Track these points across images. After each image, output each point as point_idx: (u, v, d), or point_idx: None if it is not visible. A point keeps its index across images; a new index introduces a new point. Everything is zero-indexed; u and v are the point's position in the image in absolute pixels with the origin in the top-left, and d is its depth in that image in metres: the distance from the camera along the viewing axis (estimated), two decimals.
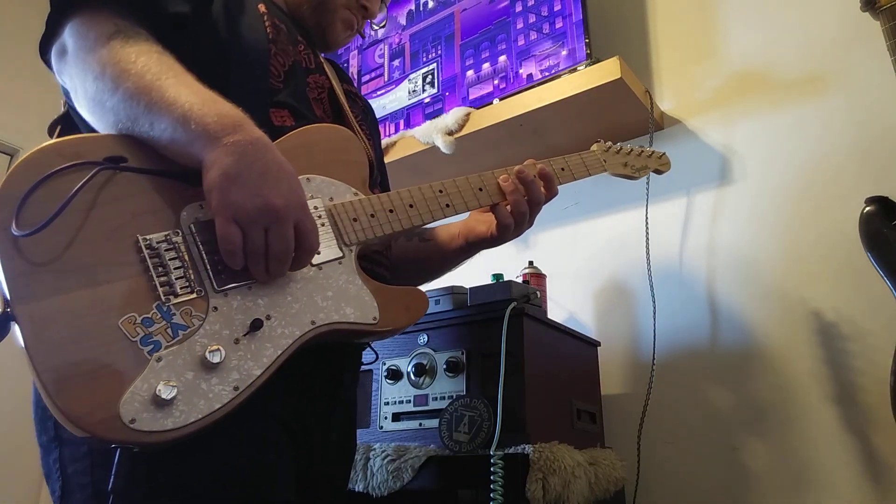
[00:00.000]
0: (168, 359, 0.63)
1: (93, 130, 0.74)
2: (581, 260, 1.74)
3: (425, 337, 1.28)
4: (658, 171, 1.21)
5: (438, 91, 1.90)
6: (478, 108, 1.72)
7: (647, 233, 1.59)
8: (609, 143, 1.13)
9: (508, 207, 0.96)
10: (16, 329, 0.59)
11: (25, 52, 2.49)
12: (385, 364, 1.31)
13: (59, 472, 0.71)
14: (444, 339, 1.26)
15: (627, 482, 1.39)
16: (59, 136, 0.80)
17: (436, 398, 1.22)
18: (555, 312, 1.66)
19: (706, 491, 1.42)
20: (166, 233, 0.68)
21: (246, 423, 0.70)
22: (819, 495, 1.30)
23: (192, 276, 0.68)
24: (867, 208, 1.22)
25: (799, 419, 1.36)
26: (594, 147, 1.12)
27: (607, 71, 1.50)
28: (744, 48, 1.63)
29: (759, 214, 1.51)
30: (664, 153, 1.22)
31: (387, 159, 1.84)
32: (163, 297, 0.65)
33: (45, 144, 0.66)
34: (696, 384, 1.50)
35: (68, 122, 0.82)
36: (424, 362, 1.25)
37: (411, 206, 0.87)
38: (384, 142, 1.85)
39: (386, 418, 1.27)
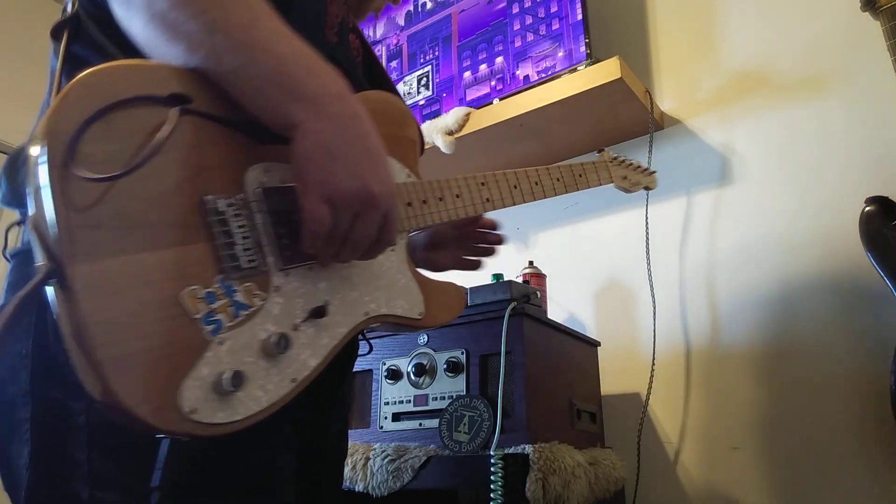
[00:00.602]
0: (230, 342, 0.55)
1: (122, 46, 0.61)
2: (581, 260, 1.74)
3: (425, 337, 1.28)
4: (647, 188, 1.23)
5: (433, 93, 1.91)
6: (478, 108, 1.72)
7: (647, 233, 1.59)
8: (614, 154, 1.13)
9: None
10: (53, 293, 0.49)
11: (26, 49, 2.50)
12: (385, 364, 1.31)
13: (30, 435, 0.60)
14: (444, 339, 1.26)
15: (627, 482, 1.39)
16: (66, 44, 0.66)
17: (436, 398, 1.22)
18: (555, 312, 1.66)
19: (706, 491, 1.42)
20: (233, 195, 0.58)
21: (264, 421, 0.63)
22: (819, 495, 1.30)
23: (257, 249, 0.59)
24: (867, 208, 1.22)
25: (799, 419, 1.36)
26: (602, 156, 1.11)
27: (607, 71, 1.50)
28: (744, 48, 1.63)
29: (759, 214, 1.51)
30: (655, 171, 1.25)
31: None
32: (227, 270, 0.56)
33: (108, 66, 0.53)
34: (697, 384, 1.50)
35: (80, 28, 0.67)
36: (424, 362, 1.25)
37: (458, 195, 0.83)
38: None
39: (386, 418, 1.27)
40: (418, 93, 1.95)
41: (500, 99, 1.71)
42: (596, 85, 1.51)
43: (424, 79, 1.95)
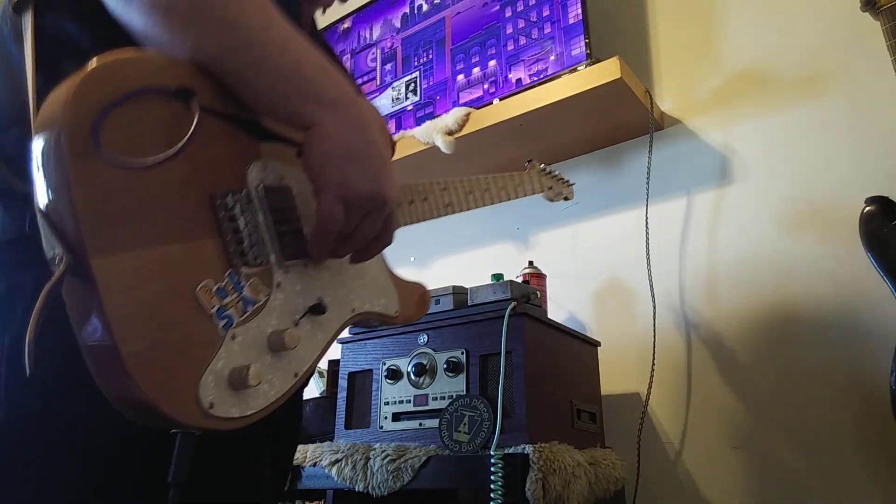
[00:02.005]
0: (241, 337, 0.55)
1: (108, 26, 0.58)
2: (581, 260, 1.74)
3: (425, 337, 1.28)
4: (566, 198, 1.29)
5: (420, 98, 1.93)
6: (478, 108, 1.72)
7: (647, 233, 1.59)
8: (541, 164, 1.20)
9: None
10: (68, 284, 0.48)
11: None
12: (385, 364, 1.31)
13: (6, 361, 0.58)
14: (444, 339, 1.26)
15: (627, 482, 1.39)
16: (35, 15, 0.61)
17: (436, 398, 1.22)
18: (555, 312, 1.66)
19: (706, 491, 1.42)
20: (238, 192, 0.59)
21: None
22: (819, 495, 1.30)
23: (262, 245, 0.60)
24: (867, 208, 1.22)
25: (799, 419, 1.36)
26: (532, 166, 1.18)
27: (607, 71, 1.50)
28: (744, 48, 1.63)
29: (759, 214, 1.51)
30: (573, 183, 1.31)
31: None
32: (236, 265, 0.57)
33: (119, 56, 0.52)
34: (697, 384, 1.50)
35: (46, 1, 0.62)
36: (424, 362, 1.25)
37: (426, 199, 0.88)
38: None
39: (386, 418, 1.27)
40: (406, 98, 1.97)
41: (500, 99, 1.71)
42: (596, 85, 1.51)
43: (412, 84, 1.96)
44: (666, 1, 1.78)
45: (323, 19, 2.31)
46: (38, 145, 0.48)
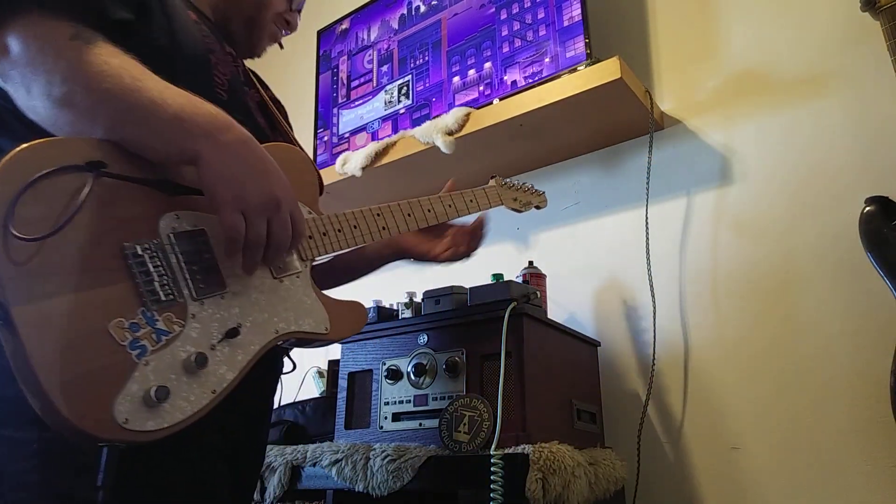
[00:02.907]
0: (154, 363, 0.66)
1: (29, 131, 0.70)
2: (581, 260, 1.74)
3: (425, 337, 1.28)
4: (538, 207, 1.36)
5: (413, 102, 1.94)
6: (478, 108, 1.72)
7: (647, 233, 1.59)
8: (505, 179, 1.28)
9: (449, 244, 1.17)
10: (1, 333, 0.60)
11: None
12: (385, 364, 1.31)
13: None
14: (444, 339, 1.26)
15: (627, 482, 1.39)
16: None
17: (436, 398, 1.22)
18: (555, 312, 1.66)
19: (706, 491, 1.42)
20: (148, 241, 0.71)
21: (195, 433, 0.71)
22: (819, 496, 1.30)
23: (173, 285, 0.71)
24: (867, 208, 1.22)
25: (799, 419, 1.36)
26: (492, 182, 1.26)
27: (607, 71, 1.50)
28: (744, 48, 1.63)
29: (759, 214, 1.51)
30: (543, 192, 1.38)
31: (386, 159, 1.84)
32: (148, 304, 0.68)
33: (32, 144, 0.64)
34: (696, 384, 1.50)
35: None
36: (424, 362, 1.25)
37: (355, 226, 0.97)
38: (384, 142, 1.86)
39: (386, 418, 1.27)
40: (399, 101, 1.97)
41: (500, 99, 1.71)
42: (596, 85, 1.50)
43: (405, 87, 1.97)
44: (666, 1, 1.78)
45: (321, 20, 2.31)
46: None
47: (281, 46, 1.16)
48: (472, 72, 1.82)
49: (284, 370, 1.00)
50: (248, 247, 0.74)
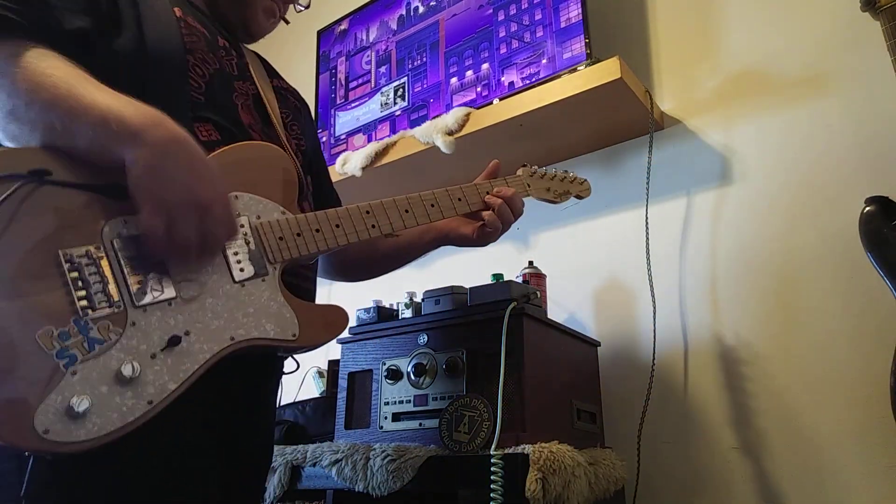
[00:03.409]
0: (83, 372, 0.65)
1: None
2: (581, 260, 1.74)
3: (425, 337, 1.28)
4: (579, 197, 1.26)
5: (409, 103, 1.94)
6: (478, 108, 1.72)
7: (647, 233, 1.59)
8: (535, 167, 1.18)
9: (487, 220, 1.06)
10: None
11: None
12: (385, 364, 1.31)
13: None
14: (444, 339, 1.26)
15: (627, 482, 1.39)
16: None
17: (436, 398, 1.22)
18: (555, 312, 1.66)
19: (706, 491, 1.42)
20: (88, 247, 0.69)
21: (171, 430, 0.72)
22: (819, 495, 1.30)
23: (112, 292, 0.69)
24: (867, 208, 1.21)
25: (799, 419, 1.36)
26: (520, 171, 1.17)
27: (607, 71, 1.50)
28: (744, 48, 1.63)
29: (759, 214, 1.51)
30: (586, 179, 1.27)
31: (386, 159, 1.84)
32: (80, 312, 0.67)
33: None
34: (696, 384, 1.50)
35: None
36: (424, 362, 1.25)
37: (338, 225, 0.91)
38: (384, 142, 1.85)
39: (386, 418, 1.27)
40: (395, 103, 1.98)
41: (500, 99, 1.71)
42: (596, 85, 1.50)
43: (401, 89, 1.98)
44: (666, 1, 1.78)
45: (320, 20, 2.31)
46: None
47: (286, 22, 1.12)
48: (469, 73, 1.82)
49: (286, 370, 0.99)
50: (173, 249, 0.72)
